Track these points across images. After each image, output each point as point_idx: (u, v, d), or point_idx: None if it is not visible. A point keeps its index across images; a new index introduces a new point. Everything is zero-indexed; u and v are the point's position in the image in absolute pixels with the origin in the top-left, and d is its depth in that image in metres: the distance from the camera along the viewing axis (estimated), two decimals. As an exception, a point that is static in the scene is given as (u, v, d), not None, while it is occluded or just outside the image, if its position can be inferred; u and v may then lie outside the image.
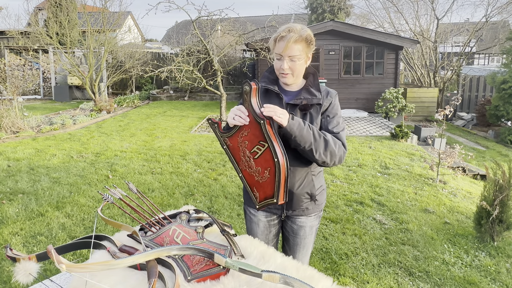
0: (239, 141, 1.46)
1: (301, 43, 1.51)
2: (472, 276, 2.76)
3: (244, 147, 1.46)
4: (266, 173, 1.42)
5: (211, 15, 9.03)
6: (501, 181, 3.14)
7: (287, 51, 1.50)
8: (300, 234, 1.74)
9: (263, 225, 1.75)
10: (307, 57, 1.57)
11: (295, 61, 1.53)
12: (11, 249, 1.33)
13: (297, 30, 1.50)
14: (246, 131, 1.42)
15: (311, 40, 1.54)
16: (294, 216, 1.72)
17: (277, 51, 1.53)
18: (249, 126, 1.40)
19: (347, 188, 4.62)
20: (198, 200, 4.24)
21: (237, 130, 1.45)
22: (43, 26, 12.97)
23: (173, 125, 8.77)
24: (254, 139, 1.41)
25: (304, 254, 1.79)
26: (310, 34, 1.53)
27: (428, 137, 6.43)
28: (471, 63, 18.21)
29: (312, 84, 1.62)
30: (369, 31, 10.39)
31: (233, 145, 1.49)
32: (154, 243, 1.39)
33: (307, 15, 18.88)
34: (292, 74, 1.56)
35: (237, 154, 1.50)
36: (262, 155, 1.41)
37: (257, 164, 1.44)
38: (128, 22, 22.02)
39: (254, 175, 1.48)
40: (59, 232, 3.41)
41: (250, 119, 1.39)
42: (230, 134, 1.48)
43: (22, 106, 8.34)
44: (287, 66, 1.53)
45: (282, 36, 1.50)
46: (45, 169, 5.22)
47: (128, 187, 1.50)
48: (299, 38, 1.49)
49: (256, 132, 1.39)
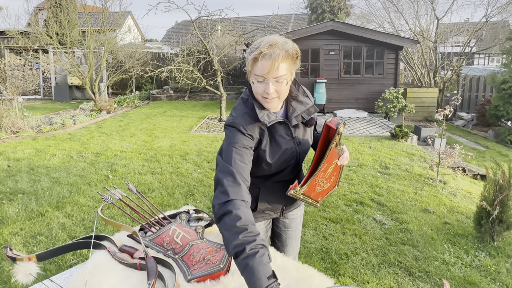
0: (317, 180, 1.42)
1: (287, 61, 1.24)
2: (472, 276, 2.77)
3: (319, 179, 1.43)
4: (332, 178, 1.51)
5: (211, 15, 9.04)
6: (501, 181, 3.14)
7: (270, 73, 1.22)
8: (292, 226, 1.76)
9: (263, 232, 1.66)
10: (292, 74, 1.31)
11: (281, 82, 1.25)
12: (11, 249, 1.34)
13: (281, 45, 1.22)
14: (325, 166, 1.40)
15: (297, 55, 1.28)
16: (288, 212, 1.75)
17: (259, 72, 1.23)
18: (329, 160, 1.40)
19: (347, 188, 4.62)
20: (198, 200, 4.24)
21: (317, 172, 1.38)
22: (43, 26, 12.97)
23: (173, 125, 8.77)
24: (329, 165, 1.42)
25: (296, 244, 1.81)
26: (295, 48, 1.27)
27: (428, 137, 6.43)
28: (471, 63, 18.20)
29: (297, 93, 1.42)
30: (369, 31, 10.39)
31: (309, 189, 1.42)
32: (154, 243, 1.39)
33: (307, 15, 18.88)
34: (278, 97, 1.29)
35: (311, 191, 1.45)
36: (332, 170, 1.47)
37: (328, 179, 1.49)
38: (128, 22, 22.02)
39: (323, 188, 1.50)
40: (59, 232, 3.41)
41: (332, 152, 1.37)
42: (308, 183, 1.39)
43: (22, 106, 8.33)
44: (272, 90, 1.25)
45: (264, 54, 1.20)
46: (45, 169, 5.22)
47: (128, 187, 1.50)
48: (286, 54, 1.22)
49: (333, 158, 1.42)
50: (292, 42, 1.29)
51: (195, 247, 1.33)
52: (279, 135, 1.39)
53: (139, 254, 1.32)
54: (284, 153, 1.41)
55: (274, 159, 1.40)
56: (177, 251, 1.32)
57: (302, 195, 1.44)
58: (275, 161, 1.41)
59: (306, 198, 1.45)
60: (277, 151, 1.39)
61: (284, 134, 1.40)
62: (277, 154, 1.40)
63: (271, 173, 1.48)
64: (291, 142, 1.42)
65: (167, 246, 1.36)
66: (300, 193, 1.42)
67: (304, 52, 10.63)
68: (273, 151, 1.39)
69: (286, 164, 1.46)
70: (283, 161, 1.43)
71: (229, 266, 1.25)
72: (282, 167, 1.46)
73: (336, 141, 1.34)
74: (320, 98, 10.20)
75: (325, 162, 1.36)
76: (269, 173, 1.47)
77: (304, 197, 1.44)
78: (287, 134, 1.41)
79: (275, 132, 1.38)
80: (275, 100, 1.30)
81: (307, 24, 18.04)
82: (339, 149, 1.40)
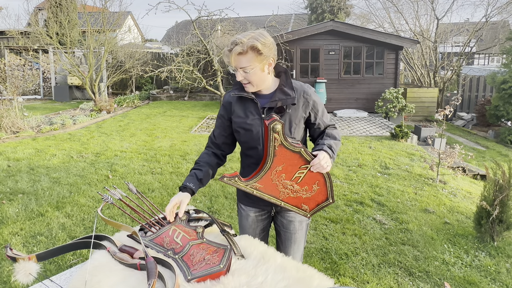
0: (273, 179, 1.48)
1: (247, 54, 1.49)
2: (472, 276, 2.76)
3: (281, 180, 1.48)
4: (315, 187, 1.53)
5: (211, 15, 9.04)
6: (501, 181, 3.14)
7: (235, 64, 1.53)
8: (290, 229, 1.79)
9: (252, 219, 1.80)
10: (264, 64, 1.54)
11: (247, 72, 1.53)
12: (11, 249, 1.33)
13: (243, 42, 1.48)
14: (280, 166, 1.46)
15: (259, 49, 1.49)
16: (283, 211, 1.78)
17: (230, 64, 1.56)
18: (283, 160, 1.45)
19: (347, 188, 4.62)
20: (198, 200, 4.24)
21: (267, 169, 1.46)
22: (43, 26, 12.97)
23: (173, 125, 8.76)
24: (292, 169, 1.47)
25: (296, 250, 1.82)
26: (257, 43, 1.48)
27: (428, 137, 6.43)
28: (471, 63, 18.20)
29: (285, 83, 1.62)
30: (369, 31, 10.39)
31: (264, 185, 1.48)
32: (154, 243, 1.39)
33: (307, 15, 18.89)
34: (250, 83, 1.57)
35: (273, 190, 1.50)
36: (306, 176, 1.50)
37: (302, 185, 1.52)
38: (128, 22, 22.02)
39: (301, 195, 1.53)
40: (59, 232, 3.41)
41: (284, 153, 1.44)
42: (258, 178, 1.47)
43: (22, 106, 8.34)
44: (241, 78, 1.55)
45: (229, 50, 1.52)
46: (45, 169, 5.22)
47: (128, 187, 1.50)
48: (244, 50, 1.48)
49: (293, 161, 1.46)
50: (265, 37, 1.52)
51: (195, 247, 1.33)
52: (248, 110, 1.63)
53: (139, 254, 1.32)
54: (251, 128, 1.62)
55: (241, 128, 1.65)
56: (177, 251, 1.32)
57: (256, 191, 1.47)
58: (243, 133, 1.65)
59: (270, 198, 1.49)
60: (243, 123, 1.63)
61: (253, 111, 1.62)
62: (244, 125, 1.63)
63: (245, 148, 1.71)
64: (258, 121, 1.61)
65: (167, 246, 1.36)
66: (246, 185, 1.45)
67: (304, 52, 10.63)
68: (241, 122, 1.64)
69: (254, 142, 1.64)
70: (250, 137, 1.64)
71: (229, 266, 1.25)
72: (252, 145, 1.66)
73: (278, 139, 1.41)
74: (320, 98, 10.18)
75: (276, 161, 1.44)
76: (244, 148, 1.72)
77: (262, 194, 1.48)
78: (256, 112, 1.61)
79: (246, 108, 1.64)
80: (249, 85, 1.58)
81: (307, 24, 18.04)
82: (299, 151, 1.45)
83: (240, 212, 1.85)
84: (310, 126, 1.70)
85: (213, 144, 1.76)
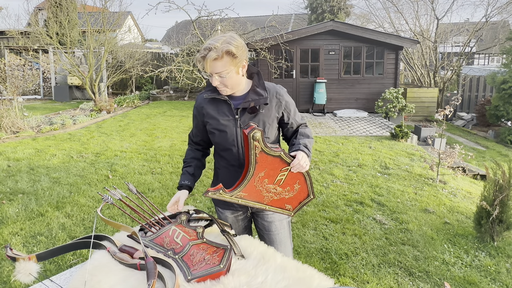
0: (256, 185, 1.50)
1: (222, 59, 1.49)
2: (472, 276, 2.76)
3: (265, 185, 1.51)
4: (296, 186, 1.55)
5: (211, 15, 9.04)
6: (501, 181, 3.14)
7: (210, 70, 1.52)
8: (272, 230, 1.80)
9: (231, 220, 1.84)
10: (238, 67, 1.55)
11: (223, 77, 1.53)
12: (11, 249, 1.34)
13: (217, 47, 1.47)
14: (263, 172, 1.48)
15: (234, 52, 1.49)
16: (260, 212, 1.80)
17: (205, 69, 1.54)
18: (264, 166, 1.47)
19: (347, 188, 4.62)
20: (198, 200, 4.24)
21: (251, 177, 1.48)
22: (43, 26, 12.97)
23: (173, 125, 8.76)
24: (273, 173, 1.50)
25: (284, 250, 1.82)
26: (231, 47, 1.48)
27: (428, 137, 6.43)
28: (471, 63, 18.21)
29: (257, 84, 1.65)
30: (369, 31, 10.38)
31: (249, 193, 1.50)
32: (154, 243, 1.39)
33: (307, 15, 18.88)
34: (226, 87, 1.58)
35: (257, 196, 1.52)
36: (287, 177, 1.52)
37: (284, 186, 1.54)
38: (128, 22, 22.02)
39: (284, 196, 1.56)
40: (59, 232, 3.41)
41: (265, 159, 1.46)
42: (242, 187, 1.48)
43: (22, 106, 8.34)
44: (217, 83, 1.56)
45: (202, 56, 1.50)
46: (45, 169, 5.22)
47: (128, 187, 1.50)
48: (219, 55, 1.47)
49: (274, 165, 1.48)
50: (237, 40, 1.52)
51: (195, 247, 1.33)
52: (222, 111, 1.64)
53: (139, 254, 1.32)
54: (225, 129, 1.64)
55: (216, 130, 1.66)
56: (177, 251, 1.32)
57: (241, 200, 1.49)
58: (218, 134, 1.67)
59: (255, 204, 1.51)
60: (218, 124, 1.65)
61: (227, 113, 1.64)
62: (219, 126, 1.65)
63: (219, 150, 1.73)
64: (232, 122, 1.63)
65: (167, 246, 1.36)
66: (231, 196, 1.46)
67: (304, 52, 10.63)
68: (215, 123, 1.66)
69: (229, 143, 1.66)
70: (225, 138, 1.66)
71: (229, 266, 1.25)
72: (226, 146, 1.67)
73: (259, 147, 1.43)
74: (320, 98, 10.20)
75: (258, 168, 1.46)
76: (219, 149, 1.74)
77: (246, 202, 1.50)
78: (230, 114, 1.63)
79: (220, 109, 1.65)
80: (224, 89, 1.59)
81: (307, 24, 18.04)
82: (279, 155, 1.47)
83: (219, 215, 1.89)
84: (283, 126, 1.74)
85: (193, 142, 1.85)
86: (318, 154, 6.15)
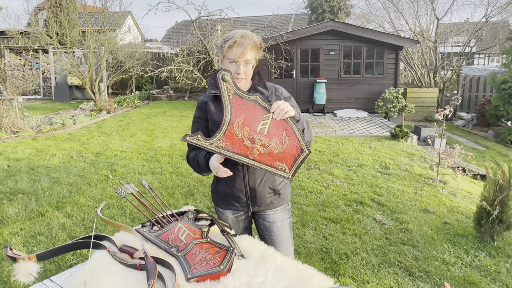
0: (237, 134, 1.41)
1: (254, 49, 1.61)
2: (472, 276, 2.76)
3: (246, 134, 1.42)
4: (284, 138, 1.43)
5: (211, 15, 9.04)
6: (501, 181, 3.14)
7: (243, 57, 1.58)
8: (274, 230, 1.80)
9: (232, 220, 1.83)
10: (256, 60, 1.67)
11: (249, 66, 1.62)
12: (11, 249, 1.34)
13: (250, 37, 1.59)
14: (241, 117, 1.42)
15: (261, 46, 1.66)
16: (261, 212, 1.80)
17: (232, 56, 1.58)
18: (241, 111, 1.42)
19: (347, 188, 4.62)
20: (198, 200, 4.24)
21: (229, 123, 1.42)
22: (43, 26, 12.96)
23: (173, 125, 8.76)
24: (254, 119, 1.42)
25: (285, 251, 1.82)
26: (260, 40, 1.65)
27: (428, 137, 6.43)
28: (471, 63, 18.21)
29: (258, 83, 1.71)
30: (369, 31, 10.39)
31: (231, 141, 1.42)
32: (159, 239, 1.40)
33: (307, 15, 18.89)
34: (245, 78, 1.64)
35: (241, 147, 1.42)
36: (271, 126, 1.43)
37: (271, 137, 1.42)
38: (128, 22, 22.02)
39: (273, 150, 1.43)
40: (59, 232, 3.41)
41: (241, 103, 1.43)
42: (221, 134, 1.42)
43: (22, 106, 8.34)
44: (243, 71, 1.60)
45: (239, 43, 1.56)
46: (45, 169, 5.22)
47: (141, 183, 1.53)
48: (254, 44, 1.59)
49: (253, 111, 1.43)
50: (257, 36, 1.64)
51: (197, 246, 1.34)
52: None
53: (139, 254, 1.32)
54: None
55: (216, 127, 1.62)
56: (181, 249, 1.33)
57: (223, 150, 1.40)
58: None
59: (240, 158, 1.41)
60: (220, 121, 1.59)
61: None
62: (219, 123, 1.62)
63: None
64: None
65: (171, 243, 1.37)
66: (210, 144, 1.39)
67: (304, 52, 10.63)
68: (217, 120, 1.64)
69: None
70: None
71: (229, 267, 1.25)
72: None
73: (231, 89, 1.41)
74: (320, 98, 10.20)
75: (235, 113, 1.40)
76: None
77: (230, 154, 1.40)
78: None
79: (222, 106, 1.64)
80: (243, 80, 1.63)
81: (307, 24, 18.04)
82: (255, 98, 1.43)
83: (219, 215, 1.88)
84: None
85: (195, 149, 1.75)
86: (318, 154, 6.15)
